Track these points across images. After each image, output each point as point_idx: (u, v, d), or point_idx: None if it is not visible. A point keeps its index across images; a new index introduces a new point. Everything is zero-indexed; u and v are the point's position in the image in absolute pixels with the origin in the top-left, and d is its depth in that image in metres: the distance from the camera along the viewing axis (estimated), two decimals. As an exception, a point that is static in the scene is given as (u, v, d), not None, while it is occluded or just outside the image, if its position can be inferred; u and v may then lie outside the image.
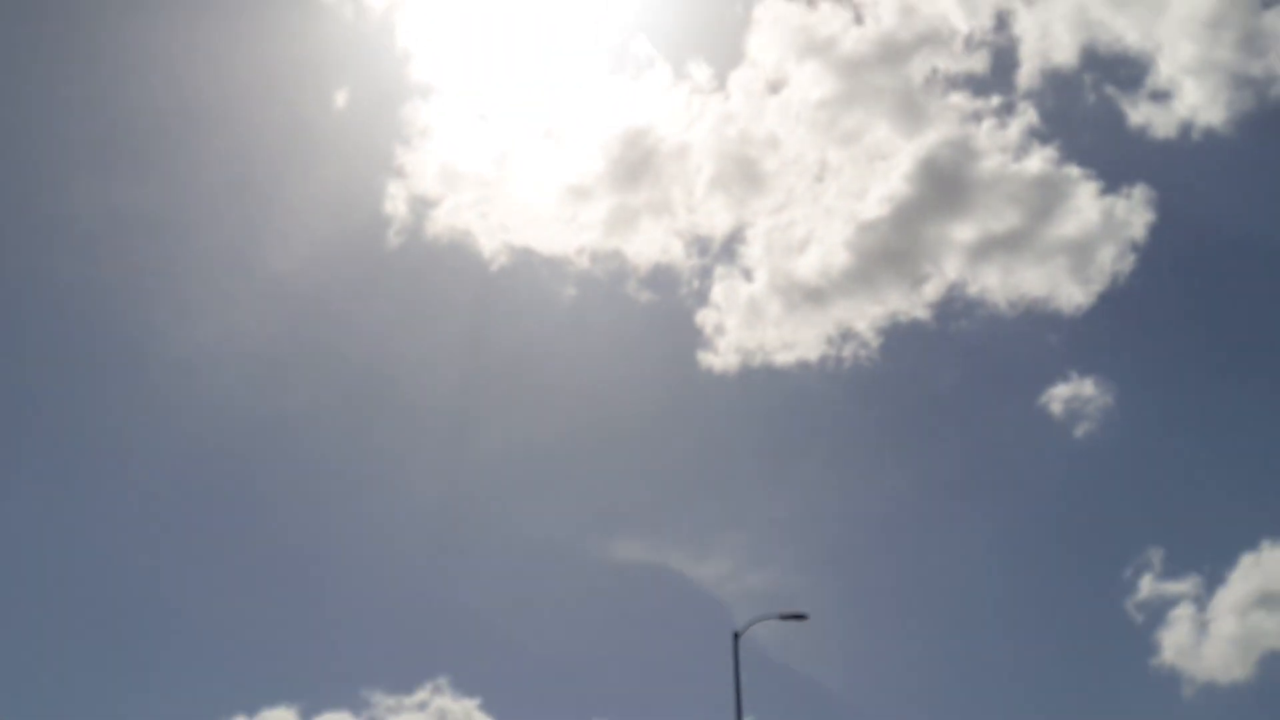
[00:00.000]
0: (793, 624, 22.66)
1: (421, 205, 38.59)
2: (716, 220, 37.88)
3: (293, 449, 39.96)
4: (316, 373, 40.55)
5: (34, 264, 39.59)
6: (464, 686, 33.30)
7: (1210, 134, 33.86)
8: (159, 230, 41.04)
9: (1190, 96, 33.49)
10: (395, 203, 38.63)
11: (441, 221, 38.13)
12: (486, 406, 41.13)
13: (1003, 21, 35.16)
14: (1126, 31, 34.12)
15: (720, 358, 36.46)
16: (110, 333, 40.40)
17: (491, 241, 38.07)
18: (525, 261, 39.04)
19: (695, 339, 37.00)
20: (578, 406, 40.98)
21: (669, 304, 38.62)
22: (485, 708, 32.93)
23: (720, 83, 38.12)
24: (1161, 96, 33.78)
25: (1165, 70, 33.77)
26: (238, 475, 38.89)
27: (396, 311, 41.44)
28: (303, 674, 34.83)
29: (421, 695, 33.29)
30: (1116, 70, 34.65)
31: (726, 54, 41.02)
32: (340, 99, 39.12)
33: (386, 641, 36.76)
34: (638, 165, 38.32)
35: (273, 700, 31.99)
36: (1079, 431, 35.45)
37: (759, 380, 37.18)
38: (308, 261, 39.89)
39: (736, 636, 22.15)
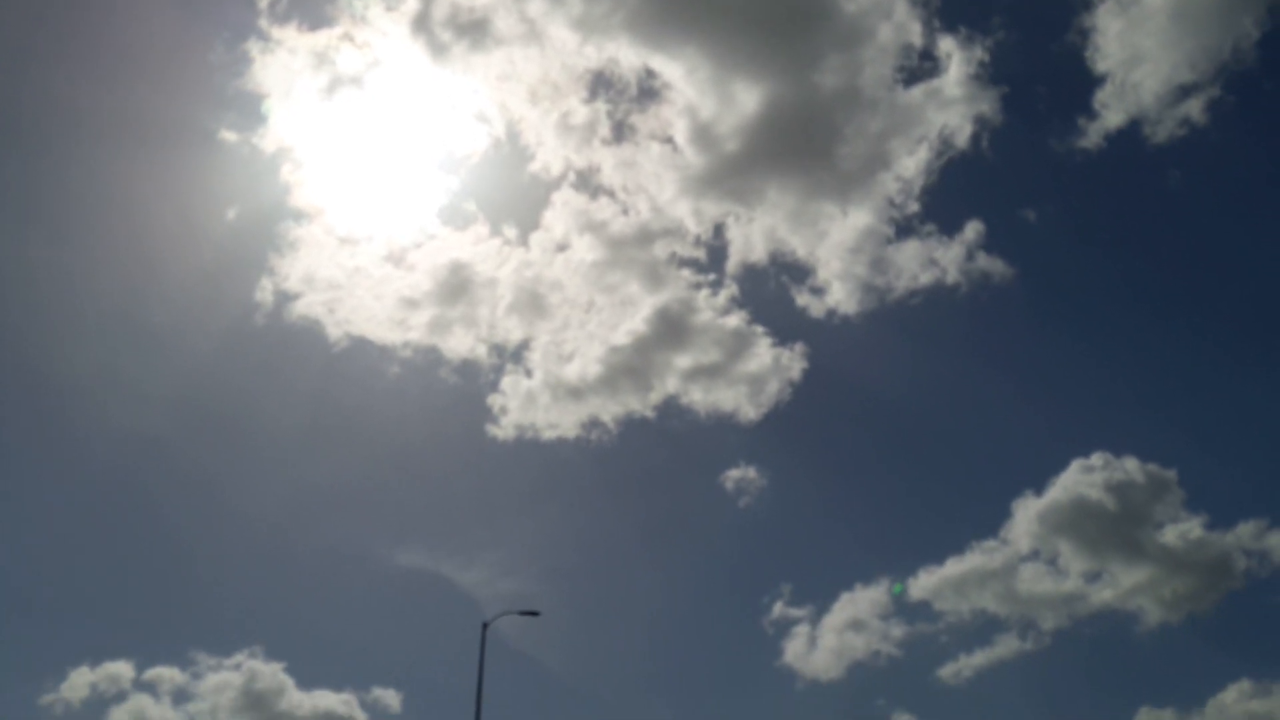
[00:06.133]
0: (530, 619, 31.20)
1: (284, 298, 47.19)
2: (511, 335, 48.69)
3: (161, 458, 47.85)
4: (187, 402, 48.42)
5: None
6: (274, 653, 42.97)
7: (846, 319, 49.46)
8: (71, 280, 49.70)
9: (837, 293, 49.33)
10: (264, 293, 47.12)
11: (298, 312, 46.79)
12: (318, 450, 49.89)
13: (719, 229, 48.24)
14: (799, 246, 49.45)
15: (503, 430, 47.46)
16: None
17: (336, 331, 47.24)
18: (360, 347, 48.52)
19: (486, 415, 47.72)
20: (391, 454, 51.32)
21: (470, 389, 49.55)
22: (289, 671, 42.21)
23: (524, 240, 49.20)
24: (819, 290, 48.71)
25: (822, 275, 49.42)
26: (114, 479, 46.33)
27: (256, 371, 50.03)
28: (140, 634, 43.67)
29: (239, 658, 42.24)
30: (791, 270, 49.99)
31: (530, 220, 52.37)
32: (231, 214, 47.94)
33: (213, 614, 45.17)
34: (457, 289, 49.50)
35: (114, 655, 40.54)
36: (743, 503, 48.47)
37: (529, 449, 48.23)
38: (189, 319, 48.03)
39: (485, 626, 30.08)
